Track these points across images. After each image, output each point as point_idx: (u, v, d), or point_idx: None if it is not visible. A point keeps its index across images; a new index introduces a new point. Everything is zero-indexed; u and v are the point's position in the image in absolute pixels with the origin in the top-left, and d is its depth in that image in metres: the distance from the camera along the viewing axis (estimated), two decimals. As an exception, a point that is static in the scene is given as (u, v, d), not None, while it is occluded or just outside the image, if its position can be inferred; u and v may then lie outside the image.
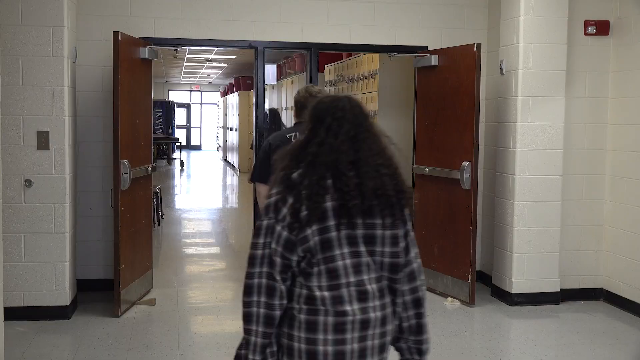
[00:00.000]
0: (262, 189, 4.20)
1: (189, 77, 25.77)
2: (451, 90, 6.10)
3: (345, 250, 2.20)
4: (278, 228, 2.20)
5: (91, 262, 6.12)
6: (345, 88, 8.87)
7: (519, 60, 5.89)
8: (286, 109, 12.71)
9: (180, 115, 29.91)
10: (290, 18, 6.40)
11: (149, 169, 6.19)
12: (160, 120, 24.73)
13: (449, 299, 6.11)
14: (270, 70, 14.15)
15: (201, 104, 32.23)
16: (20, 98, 5.31)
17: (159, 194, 10.03)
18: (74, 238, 5.73)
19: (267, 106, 13.96)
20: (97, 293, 5.97)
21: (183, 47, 6.83)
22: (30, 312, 5.35)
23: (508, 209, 6.03)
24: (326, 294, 2.18)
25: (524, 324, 5.59)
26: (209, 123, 31.17)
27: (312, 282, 2.20)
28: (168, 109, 25.58)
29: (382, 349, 2.24)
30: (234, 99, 20.73)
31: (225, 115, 23.43)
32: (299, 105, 4.41)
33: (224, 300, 6.20)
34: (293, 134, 4.30)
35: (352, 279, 2.19)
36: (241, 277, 2.28)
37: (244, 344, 2.23)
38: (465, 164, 5.89)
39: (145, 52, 5.94)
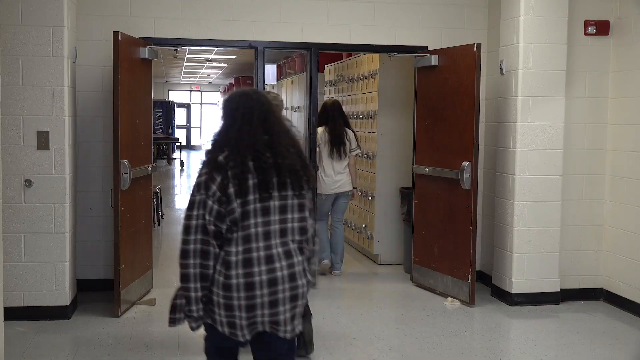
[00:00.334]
0: None
1: (189, 77, 25.77)
2: (451, 90, 6.10)
3: (259, 219, 2.71)
4: (209, 202, 2.68)
5: (91, 262, 6.11)
6: (345, 88, 8.87)
7: (519, 60, 5.89)
8: (286, 109, 12.71)
9: (180, 115, 29.89)
10: (290, 18, 6.40)
11: (149, 169, 6.19)
12: (160, 120, 24.72)
13: (449, 299, 6.11)
14: (270, 70, 14.15)
15: (201, 104, 32.22)
16: (20, 98, 5.31)
17: (159, 194, 10.03)
18: (74, 238, 5.73)
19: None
20: (97, 293, 5.97)
21: (183, 47, 6.82)
22: (30, 312, 5.35)
23: (508, 209, 6.03)
24: (240, 257, 2.68)
25: (524, 324, 5.59)
26: (209, 123, 31.16)
27: (231, 247, 2.69)
28: (168, 109, 25.57)
29: (293, 299, 2.76)
30: (234, 99, 20.68)
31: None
32: None
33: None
34: None
35: (261, 243, 2.71)
36: None
37: (180, 296, 2.77)
38: (465, 164, 5.89)
39: (145, 52, 5.94)
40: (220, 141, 2.82)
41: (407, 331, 5.30)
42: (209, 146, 2.84)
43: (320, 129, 6.81)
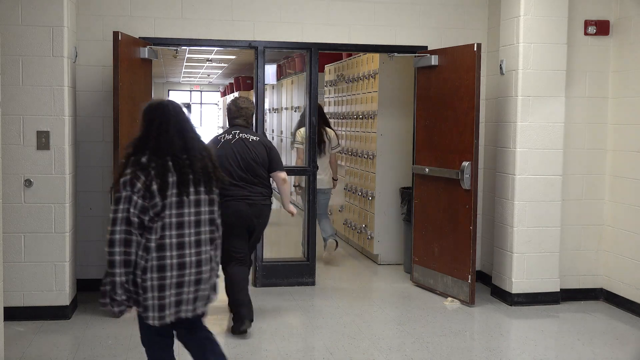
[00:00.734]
0: None
1: (189, 77, 25.75)
2: (451, 90, 6.10)
3: (174, 211, 3.19)
4: (134, 198, 3.14)
5: (91, 262, 6.11)
6: (345, 88, 8.88)
7: (519, 60, 5.89)
8: (286, 109, 12.71)
9: (180, 115, 29.82)
10: (290, 18, 6.40)
11: (149, 169, 6.18)
12: (160, 120, 24.66)
13: (449, 299, 6.11)
14: (270, 70, 14.15)
15: (201, 104, 32.22)
16: (20, 98, 5.31)
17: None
18: (74, 238, 5.73)
19: (267, 106, 13.98)
20: (97, 293, 5.94)
21: (183, 47, 6.82)
22: (30, 312, 5.34)
23: (508, 209, 6.03)
24: (154, 244, 3.15)
25: (524, 324, 5.59)
26: (209, 123, 31.15)
27: (151, 235, 3.16)
28: (168, 109, 25.49)
29: (198, 283, 3.26)
30: (234, 99, 20.70)
31: (225, 115, 23.41)
32: (230, 114, 5.41)
33: (223, 300, 6.19)
34: (224, 134, 5.30)
35: (174, 232, 3.19)
36: None
37: (108, 283, 3.15)
38: (465, 164, 5.89)
39: (145, 52, 5.94)
40: (141, 145, 3.26)
41: (407, 331, 5.30)
42: (129, 149, 3.28)
43: (303, 130, 7.12)
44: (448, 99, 6.14)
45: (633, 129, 5.90)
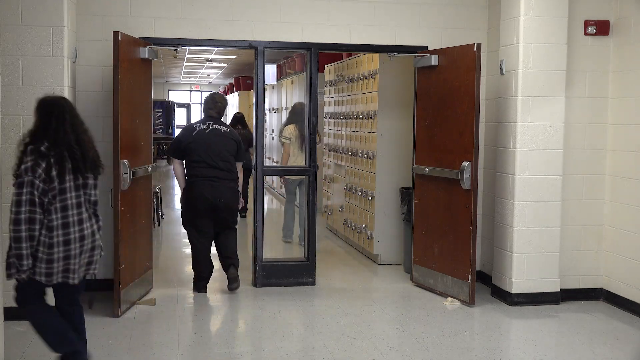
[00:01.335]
0: (175, 163, 6.40)
1: (189, 77, 25.78)
2: (451, 90, 6.10)
3: (73, 194, 3.81)
4: (36, 182, 3.65)
5: (91, 262, 6.10)
6: (345, 88, 8.88)
7: (519, 60, 5.89)
8: (286, 109, 12.71)
9: (180, 115, 29.91)
10: (290, 18, 6.40)
11: (149, 169, 6.19)
12: (160, 120, 24.74)
13: (449, 299, 6.12)
14: (270, 70, 14.16)
15: (201, 104, 32.18)
16: (20, 98, 5.31)
17: (159, 194, 10.03)
18: (74, 238, 5.72)
19: (267, 106, 13.99)
20: (97, 293, 5.97)
21: (183, 47, 6.82)
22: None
23: (508, 209, 6.03)
24: (60, 222, 3.73)
25: (524, 324, 5.59)
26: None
27: (52, 215, 3.71)
28: (168, 109, 25.57)
29: (93, 250, 3.94)
30: (234, 99, 20.72)
31: (225, 115, 23.40)
32: (205, 106, 6.49)
33: (223, 300, 6.20)
34: (199, 124, 6.31)
35: (75, 211, 3.81)
36: (241, 277, 2.43)
37: (12, 255, 3.66)
38: (465, 164, 5.89)
39: (145, 52, 5.94)
40: (39, 136, 3.77)
41: (407, 331, 5.30)
42: (27, 139, 3.78)
43: (291, 127, 8.05)
44: (448, 99, 6.14)
45: (633, 129, 5.90)
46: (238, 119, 10.74)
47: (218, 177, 6.10)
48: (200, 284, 6.33)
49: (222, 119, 6.52)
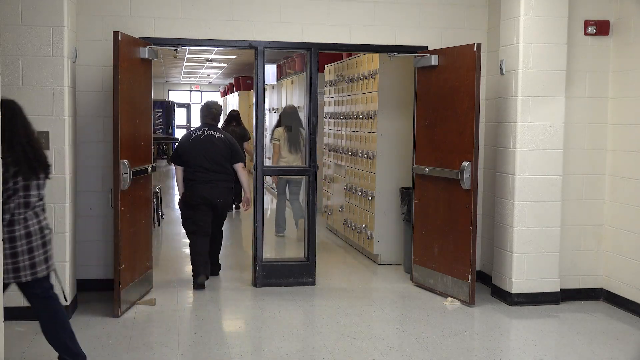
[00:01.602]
0: (177, 169, 6.76)
1: (189, 77, 25.77)
2: (451, 90, 6.10)
3: (35, 192, 3.99)
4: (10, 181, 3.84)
5: (91, 262, 6.11)
6: (345, 88, 8.88)
7: (519, 60, 5.90)
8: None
9: (180, 115, 29.90)
10: (290, 18, 6.40)
11: (149, 168, 6.19)
12: (160, 120, 24.73)
13: (449, 299, 6.12)
14: (270, 70, 14.16)
15: (201, 104, 32.21)
16: (20, 98, 5.26)
17: (159, 194, 10.03)
18: (74, 238, 5.73)
19: (267, 106, 13.98)
20: (97, 293, 5.97)
21: (183, 47, 6.83)
22: (30, 312, 5.30)
23: (508, 209, 6.03)
24: (29, 214, 3.96)
25: (524, 324, 5.59)
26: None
27: (20, 209, 3.93)
28: (168, 109, 25.57)
29: (50, 241, 4.12)
30: (234, 99, 20.72)
31: (225, 115, 23.40)
32: (202, 114, 6.96)
33: (223, 300, 6.21)
34: (196, 131, 6.76)
35: (37, 204, 4.01)
36: (241, 277, 2.41)
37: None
38: (465, 164, 5.89)
39: (145, 52, 5.94)
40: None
41: (407, 331, 5.30)
42: None
43: (280, 129, 8.64)
44: (448, 99, 6.14)
45: (633, 129, 5.90)
46: (233, 116, 10.98)
47: (215, 180, 6.56)
48: (198, 280, 6.45)
49: (217, 124, 7.06)
